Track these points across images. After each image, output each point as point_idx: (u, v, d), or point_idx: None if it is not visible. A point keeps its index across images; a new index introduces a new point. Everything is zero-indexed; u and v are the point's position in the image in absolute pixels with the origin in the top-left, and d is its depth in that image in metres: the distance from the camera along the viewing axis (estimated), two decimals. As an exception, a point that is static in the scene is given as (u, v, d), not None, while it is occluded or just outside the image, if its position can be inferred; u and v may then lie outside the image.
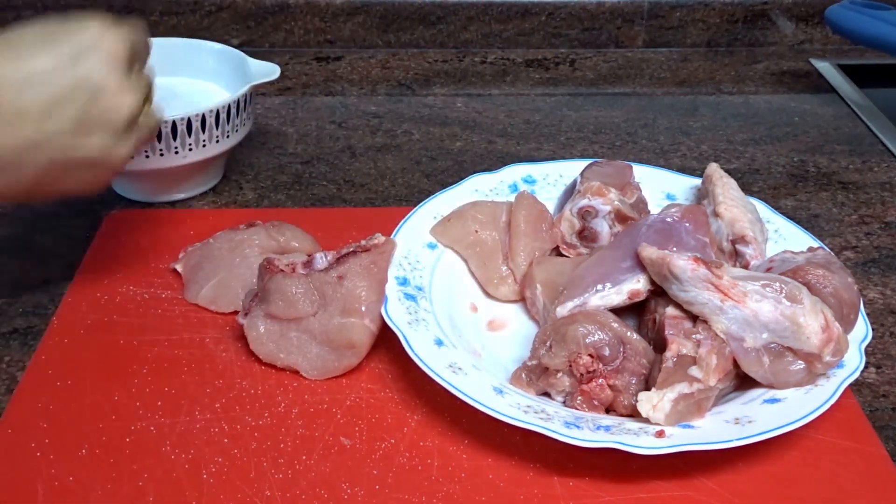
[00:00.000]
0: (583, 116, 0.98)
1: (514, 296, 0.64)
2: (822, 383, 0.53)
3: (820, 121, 0.98)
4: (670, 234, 0.58)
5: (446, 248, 0.66)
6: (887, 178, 0.86)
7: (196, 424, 0.54)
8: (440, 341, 0.57)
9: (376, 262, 0.60)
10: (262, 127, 0.92)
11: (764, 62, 1.13)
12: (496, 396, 0.52)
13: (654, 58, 1.13)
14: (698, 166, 0.86)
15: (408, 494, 0.50)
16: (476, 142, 0.91)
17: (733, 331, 0.53)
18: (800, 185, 0.85)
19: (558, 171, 0.73)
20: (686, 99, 1.03)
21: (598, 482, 0.51)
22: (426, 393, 0.56)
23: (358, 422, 0.55)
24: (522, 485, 0.51)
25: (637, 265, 0.57)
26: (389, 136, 0.92)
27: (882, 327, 0.65)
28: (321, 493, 0.50)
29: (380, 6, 1.10)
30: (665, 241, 0.58)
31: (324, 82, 1.04)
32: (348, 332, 0.57)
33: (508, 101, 1.01)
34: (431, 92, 1.03)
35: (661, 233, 0.58)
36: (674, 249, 0.57)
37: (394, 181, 0.83)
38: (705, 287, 0.53)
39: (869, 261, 0.73)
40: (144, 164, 0.72)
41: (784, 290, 0.52)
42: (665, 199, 0.72)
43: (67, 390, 0.56)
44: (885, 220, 0.79)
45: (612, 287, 0.57)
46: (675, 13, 1.14)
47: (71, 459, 0.51)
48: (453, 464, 0.52)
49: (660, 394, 0.51)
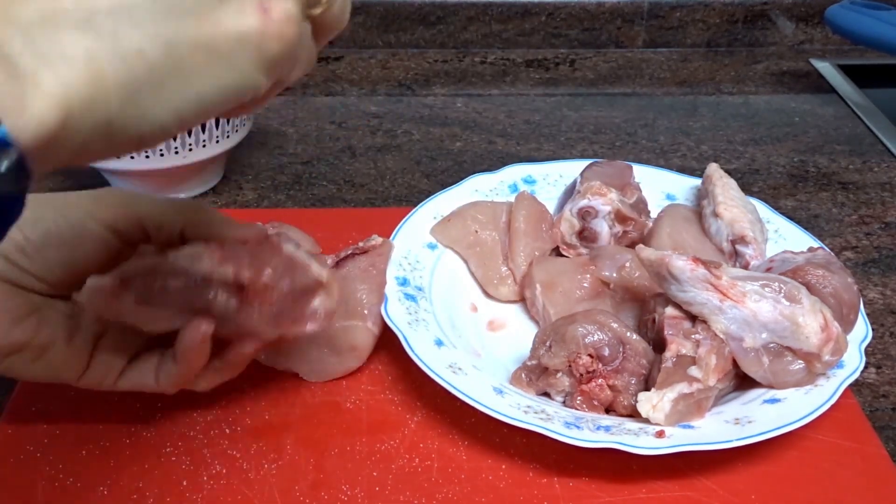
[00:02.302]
0: (583, 116, 0.98)
1: (514, 296, 0.64)
2: (821, 383, 0.53)
3: (820, 121, 0.98)
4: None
5: (446, 248, 0.66)
6: (887, 178, 0.86)
7: (196, 426, 0.54)
8: (440, 341, 0.57)
9: (375, 264, 0.60)
10: (262, 127, 0.92)
11: (764, 62, 1.13)
12: (496, 396, 0.52)
13: (654, 58, 1.13)
14: (698, 166, 0.86)
15: (408, 495, 0.50)
16: (476, 142, 0.91)
17: (732, 331, 0.53)
18: (800, 186, 0.85)
19: (558, 171, 0.73)
20: (686, 99, 1.03)
21: (598, 482, 0.51)
22: (426, 394, 0.56)
23: (358, 423, 0.55)
24: (522, 485, 0.51)
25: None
26: (389, 136, 0.92)
27: (882, 327, 0.65)
28: (321, 494, 0.50)
29: (380, 6, 1.10)
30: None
31: (324, 82, 1.04)
32: (351, 335, 0.57)
33: (508, 101, 1.01)
34: (431, 92, 1.03)
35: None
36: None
37: (394, 181, 0.83)
38: (704, 287, 0.53)
39: (869, 261, 0.73)
40: (144, 164, 0.72)
41: (783, 289, 0.52)
42: (665, 199, 0.72)
43: (67, 390, 0.56)
44: (885, 220, 0.79)
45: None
46: (675, 13, 1.14)
47: (71, 459, 0.51)
48: (453, 465, 0.52)
49: (659, 394, 0.51)
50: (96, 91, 0.27)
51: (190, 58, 0.29)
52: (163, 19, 0.28)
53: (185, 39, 0.29)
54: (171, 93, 0.29)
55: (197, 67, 0.29)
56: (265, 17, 0.30)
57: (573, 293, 0.61)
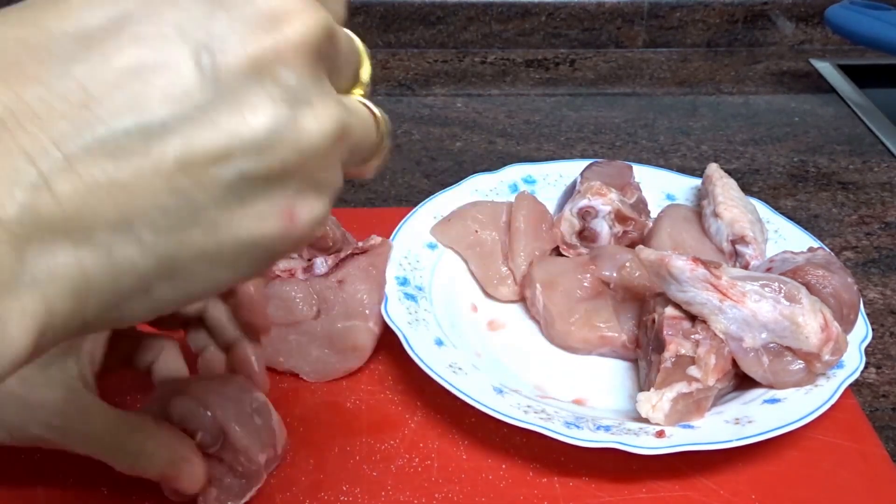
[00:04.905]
0: (583, 116, 0.98)
1: (514, 296, 0.64)
2: (821, 383, 0.53)
3: (820, 121, 0.98)
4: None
5: (446, 248, 0.66)
6: (887, 178, 0.86)
7: (196, 425, 0.54)
8: (440, 341, 0.57)
9: (374, 263, 0.60)
10: (262, 127, 0.92)
11: (764, 62, 1.12)
12: (496, 396, 0.52)
13: (654, 58, 1.13)
14: (698, 166, 0.86)
15: (408, 495, 0.50)
16: (476, 142, 0.91)
17: (732, 331, 0.53)
18: (800, 186, 0.85)
19: (558, 171, 0.73)
20: (686, 99, 1.03)
21: (598, 482, 0.51)
22: (426, 394, 0.56)
23: (358, 423, 0.55)
24: (522, 485, 0.51)
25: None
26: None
27: (882, 327, 0.65)
28: (321, 495, 0.50)
29: (380, 6, 1.10)
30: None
31: (324, 82, 1.04)
32: (353, 335, 0.57)
33: (508, 101, 1.01)
34: (431, 92, 1.03)
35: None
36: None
37: (394, 181, 0.83)
38: (704, 287, 0.53)
39: (869, 261, 0.73)
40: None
41: (783, 289, 0.52)
42: (665, 199, 0.72)
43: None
44: (885, 220, 0.79)
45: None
46: (675, 13, 1.13)
47: (71, 460, 0.51)
48: (453, 464, 0.52)
49: (659, 394, 0.51)
50: (78, 306, 0.24)
51: (189, 266, 0.25)
52: (167, 232, 0.24)
53: (189, 251, 0.25)
54: (158, 295, 0.25)
55: (195, 275, 0.25)
56: (290, 223, 0.26)
57: (573, 293, 0.61)
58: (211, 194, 0.24)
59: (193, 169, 0.24)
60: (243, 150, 0.24)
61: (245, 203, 0.25)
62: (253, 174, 0.24)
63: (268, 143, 0.24)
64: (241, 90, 0.24)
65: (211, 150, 0.24)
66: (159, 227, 0.24)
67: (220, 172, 0.24)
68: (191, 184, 0.24)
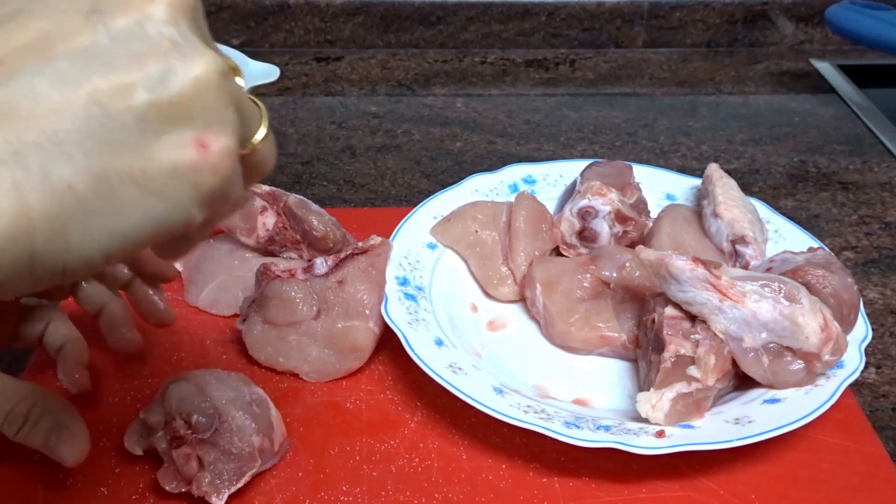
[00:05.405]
0: (583, 116, 0.98)
1: (514, 296, 0.64)
2: (821, 383, 0.53)
3: (820, 121, 0.98)
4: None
5: (446, 248, 0.66)
6: (887, 178, 0.86)
7: (196, 425, 0.54)
8: (440, 341, 0.57)
9: (374, 264, 0.60)
10: (262, 127, 0.92)
11: (764, 62, 1.13)
12: (496, 396, 0.52)
13: (654, 58, 1.13)
14: (698, 166, 0.86)
15: (408, 495, 0.50)
16: (476, 142, 0.91)
17: (732, 331, 0.53)
18: (800, 186, 0.85)
19: (558, 171, 0.73)
20: (686, 99, 1.03)
21: (598, 482, 0.51)
22: (426, 394, 0.56)
23: (358, 423, 0.55)
24: (522, 485, 0.51)
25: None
26: (389, 136, 0.92)
27: (882, 327, 0.65)
28: (321, 495, 0.50)
29: (380, 6, 1.10)
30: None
31: (324, 82, 1.04)
32: (353, 335, 0.57)
33: (508, 101, 1.01)
34: (431, 92, 1.03)
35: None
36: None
37: (394, 181, 0.83)
38: (704, 287, 0.53)
39: (869, 261, 0.73)
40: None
41: (783, 289, 0.52)
42: (665, 199, 0.72)
43: (66, 391, 0.56)
44: (885, 220, 0.79)
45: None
46: (675, 13, 1.14)
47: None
48: (453, 465, 0.52)
49: (659, 394, 0.51)
50: (21, 225, 0.26)
51: (122, 191, 0.28)
52: (95, 153, 0.27)
53: (118, 173, 0.28)
54: (101, 226, 0.28)
55: (129, 201, 0.28)
56: (203, 151, 0.30)
57: (573, 293, 0.61)
58: (122, 120, 0.28)
59: (102, 98, 0.28)
60: (144, 84, 0.29)
61: (161, 135, 0.29)
62: (156, 102, 0.29)
63: (163, 77, 0.29)
64: (132, 40, 0.29)
65: (114, 83, 0.28)
66: (86, 149, 0.27)
67: (128, 102, 0.28)
68: (101, 111, 0.28)
